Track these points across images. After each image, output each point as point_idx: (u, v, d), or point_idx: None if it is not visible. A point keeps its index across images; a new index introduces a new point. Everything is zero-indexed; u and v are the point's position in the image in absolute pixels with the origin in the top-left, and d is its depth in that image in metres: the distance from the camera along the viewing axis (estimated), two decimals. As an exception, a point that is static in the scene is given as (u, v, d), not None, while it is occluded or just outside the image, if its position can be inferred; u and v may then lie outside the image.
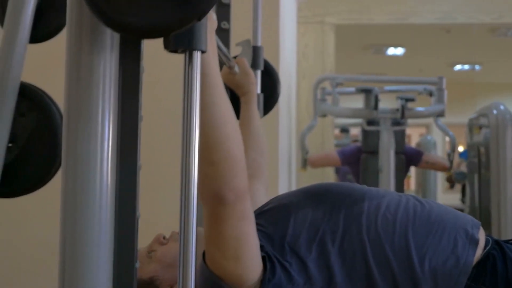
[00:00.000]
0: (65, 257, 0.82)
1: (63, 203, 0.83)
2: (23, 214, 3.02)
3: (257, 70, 2.22)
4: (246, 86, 2.01)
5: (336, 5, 6.42)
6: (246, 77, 2.01)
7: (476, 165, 5.01)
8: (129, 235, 0.88)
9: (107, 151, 0.84)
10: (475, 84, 11.60)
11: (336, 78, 5.03)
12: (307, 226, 1.44)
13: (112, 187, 0.84)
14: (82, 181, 0.82)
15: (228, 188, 1.28)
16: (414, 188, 10.01)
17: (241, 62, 2.01)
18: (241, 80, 2.00)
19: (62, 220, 0.83)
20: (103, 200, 0.83)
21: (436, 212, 1.49)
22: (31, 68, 1.62)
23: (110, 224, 0.84)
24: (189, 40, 0.89)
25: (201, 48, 0.89)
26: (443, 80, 4.80)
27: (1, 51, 1.39)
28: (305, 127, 5.45)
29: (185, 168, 0.91)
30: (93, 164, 0.83)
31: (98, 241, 0.83)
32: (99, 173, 0.83)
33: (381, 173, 4.77)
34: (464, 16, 6.52)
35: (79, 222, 0.82)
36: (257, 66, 2.23)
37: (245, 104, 2.01)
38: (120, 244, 0.87)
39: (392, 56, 9.68)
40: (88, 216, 0.82)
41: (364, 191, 1.53)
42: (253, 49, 2.21)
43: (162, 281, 1.51)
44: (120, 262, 0.87)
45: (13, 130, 1.39)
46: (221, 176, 1.27)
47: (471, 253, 1.42)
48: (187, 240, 0.88)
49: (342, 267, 1.40)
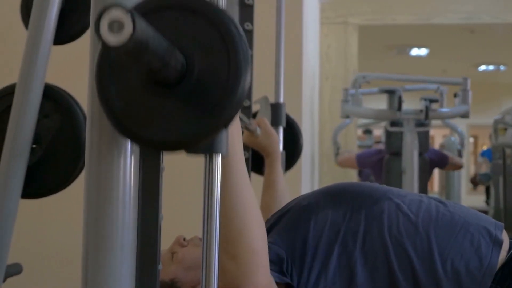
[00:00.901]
0: (88, 259, 0.82)
1: (85, 205, 0.83)
2: (46, 215, 3.04)
3: (279, 127, 2.19)
4: (270, 147, 1.99)
5: (359, 5, 6.39)
6: (269, 138, 1.99)
7: (501, 167, 4.97)
8: (152, 237, 0.88)
9: (130, 151, 0.84)
10: (500, 85, 11.50)
11: (368, 76, 5.01)
12: (328, 227, 1.43)
13: (135, 188, 0.84)
14: (105, 182, 0.82)
15: (250, 285, 1.21)
16: (437, 189, 9.95)
17: (263, 123, 2.00)
18: (264, 141, 1.99)
19: (85, 221, 0.83)
20: (126, 202, 0.83)
21: (458, 213, 1.47)
22: (55, 69, 1.62)
23: (133, 226, 0.84)
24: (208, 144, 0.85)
25: (221, 151, 0.85)
26: (467, 81, 4.76)
27: (25, 53, 1.40)
28: (338, 126, 5.56)
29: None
30: (116, 165, 0.83)
31: (121, 243, 0.82)
32: (122, 174, 0.83)
33: (404, 175, 4.74)
34: (489, 16, 6.46)
35: (102, 223, 0.82)
36: (279, 123, 2.19)
37: (269, 167, 2.00)
38: (143, 246, 0.87)
39: (415, 57, 9.64)
40: (111, 217, 0.82)
41: (384, 190, 1.52)
42: (275, 106, 2.18)
43: (184, 283, 1.51)
44: (143, 264, 0.86)
45: (37, 132, 1.40)
46: (242, 272, 1.21)
47: (495, 254, 1.40)
48: (210, 243, 0.87)
49: (364, 267, 1.39)
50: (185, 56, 0.78)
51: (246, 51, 0.78)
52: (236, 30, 0.78)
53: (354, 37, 6.37)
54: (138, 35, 0.64)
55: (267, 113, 2.14)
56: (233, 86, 0.77)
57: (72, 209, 1.60)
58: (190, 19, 0.78)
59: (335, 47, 6.28)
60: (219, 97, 0.77)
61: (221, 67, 0.77)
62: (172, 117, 0.78)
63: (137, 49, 0.66)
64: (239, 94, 0.77)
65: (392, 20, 6.56)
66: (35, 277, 2.83)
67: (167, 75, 0.76)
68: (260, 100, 2.16)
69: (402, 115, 4.74)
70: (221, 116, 0.77)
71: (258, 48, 2.16)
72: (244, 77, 0.77)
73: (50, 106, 1.43)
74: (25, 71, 1.39)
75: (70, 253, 2.08)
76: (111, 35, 0.64)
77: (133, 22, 0.64)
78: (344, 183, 1.64)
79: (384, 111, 4.99)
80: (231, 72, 0.77)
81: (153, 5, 0.79)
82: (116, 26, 0.64)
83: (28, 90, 1.38)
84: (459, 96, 4.78)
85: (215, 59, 0.78)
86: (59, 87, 1.46)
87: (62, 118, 1.44)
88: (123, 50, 0.65)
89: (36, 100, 1.39)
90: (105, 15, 0.65)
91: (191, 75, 0.78)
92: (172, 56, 0.74)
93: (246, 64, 0.77)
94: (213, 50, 0.78)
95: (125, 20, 0.64)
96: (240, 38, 0.78)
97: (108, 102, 0.79)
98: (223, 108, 0.77)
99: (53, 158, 1.44)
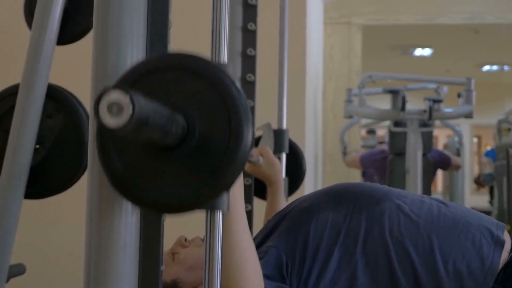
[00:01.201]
0: (90, 260, 0.82)
1: (88, 205, 0.83)
2: (49, 216, 3.04)
3: (282, 153, 2.18)
4: (273, 176, 2.00)
5: (363, 5, 6.38)
6: (272, 168, 2.00)
7: (504, 167, 4.96)
8: (154, 237, 0.88)
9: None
10: (504, 85, 11.48)
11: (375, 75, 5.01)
12: (328, 228, 1.43)
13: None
14: (107, 182, 0.82)
15: None
16: (441, 190, 9.93)
17: (265, 152, 2.00)
18: (267, 171, 2.00)
19: (87, 222, 0.83)
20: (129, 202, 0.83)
21: (460, 214, 1.47)
22: (59, 70, 1.62)
23: (135, 227, 0.84)
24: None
25: (222, 208, 0.85)
26: (471, 81, 4.75)
27: (28, 53, 1.40)
28: (345, 124, 5.60)
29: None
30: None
31: (124, 244, 0.82)
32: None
33: (408, 175, 4.73)
34: (493, 16, 6.45)
35: (104, 224, 0.82)
36: (282, 149, 2.19)
37: (272, 195, 2.01)
38: (145, 247, 0.87)
39: (419, 57, 9.62)
40: (113, 218, 0.82)
41: (385, 191, 1.52)
42: (278, 132, 2.18)
43: (185, 283, 1.51)
44: (146, 265, 0.86)
45: (40, 132, 1.40)
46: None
47: (496, 255, 1.40)
48: (213, 244, 0.87)
49: (365, 268, 1.39)
50: (186, 118, 0.77)
51: (247, 112, 0.77)
52: (237, 92, 0.77)
53: (357, 37, 6.37)
54: (137, 115, 0.64)
55: (270, 140, 2.13)
56: (234, 148, 0.76)
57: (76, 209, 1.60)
58: (191, 80, 0.77)
59: (339, 47, 6.28)
60: (220, 160, 0.76)
61: (222, 129, 0.77)
62: (173, 181, 0.77)
63: (137, 127, 0.66)
64: (240, 157, 0.76)
65: (396, 20, 6.56)
66: (38, 278, 2.83)
67: (168, 141, 0.75)
68: (262, 126, 2.16)
69: (405, 115, 4.73)
70: (222, 179, 0.77)
71: (261, 48, 2.16)
72: (246, 139, 0.76)
73: (54, 106, 1.43)
74: (28, 71, 1.39)
75: (73, 253, 2.08)
76: (111, 118, 0.64)
77: (132, 103, 0.63)
78: (345, 184, 1.64)
79: (387, 111, 4.98)
80: (232, 134, 0.76)
81: (154, 67, 0.79)
82: (115, 108, 0.64)
83: (31, 91, 1.38)
84: (463, 96, 4.77)
85: (216, 121, 0.77)
86: (62, 88, 1.46)
87: (65, 118, 1.43)
88: (123, 131, 0.64)
89: (40, 100, 1.39)
90: (104, 97, 0.64)
91: (192, 137, 0.77)
92: (173, 124, 0.74)
93: (248, 126, 0.77)
94: (214, 112, 0.77)
95: (123, 102, 0.63)
96: (240, 100, 0.77)
97: (109, 164, 0.79)
98: (225, 172, 0.76)
99: (57, 159, 1.44)
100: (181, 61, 0.78)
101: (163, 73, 0.78)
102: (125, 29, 0.85)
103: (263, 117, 2.20)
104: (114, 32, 0.85)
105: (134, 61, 0.84)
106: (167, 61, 0.79)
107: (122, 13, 0.84)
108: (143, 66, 0.79)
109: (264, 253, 1.40)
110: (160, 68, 0.79)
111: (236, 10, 2.08)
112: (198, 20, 2.11)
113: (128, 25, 0.85)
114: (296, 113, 2.49)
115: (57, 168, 1.44)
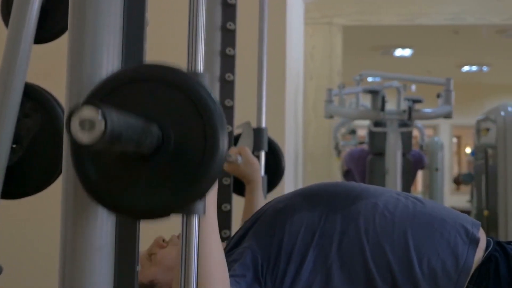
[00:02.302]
0: (65, 260, 0.82)
1: (63, 206, 0.83)
2: (26, 216, 3.02)
3: (261, 151, 2.19)
4: (251, 175, 2.02)
5: (345, 6, 6.40)
6: (250, 167, 2.01)
7: (483, 167, 4.99)
8: (130, 237, 0.88)
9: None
10: (483, 86, 11.56)
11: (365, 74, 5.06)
12: (303, 230, 1.43)
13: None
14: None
15: None
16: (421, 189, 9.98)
17: (244, 151, 2.01)
18: (245, 170, 2.01)
19: (62, 223, 0.83)
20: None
21: (436, 211, 1.47)
22: (36, 68, 1.61)
23: (110, 227, 0.84)
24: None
25: (199, 213, 0.85)
26: (450, 81, 4.77)
27: (5, 52, 1.39)
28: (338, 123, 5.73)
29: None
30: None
31: (99, 244, 0.82)
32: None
33: (387, 175, 4.75)
34: (473, 17, 6.49)
35: (79, 224, 0.81)
36: (261, 147, 2.20)
37: (250, 194, 2.02)
38: (121, 247, 0.86)
39: (400, 57, 9.66)
40: (88, 218, 0.82)
41: (360, 189, 1.52)
42: (257, 131, 2.19)
43: (163, 284, 1.50)
44: (121, 266, 0.86)
45: (18, 131, 1.39)
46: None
47: (471, 253, 1.40)
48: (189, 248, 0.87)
49: (340, 269, 1.39)
50: (161, 128, 0.77)
51: (223, 123, 0.78)
52: (212, 103, 0.78)
53: (338, 37, 6.38)
54: (110, 131, 0.64)
55: (249, 139, 2.14)
56: (209, 158, 0.77)
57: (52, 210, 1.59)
58: (166, 91, 0.78)
59: (320, 47, 6.29)
60: (195, 169, 0.77)
61: (197, 139, 0.77)
62: (148, 188, 0.78)
63: (110, 142, 0.66)
64: (215, 166, 0.77)
65: (377, 21, 6.58)
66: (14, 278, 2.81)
67: (143, 151, 0.76)
68: (242, 125, 2.17)
69: (385, 116, 4.75)
70: (198, 188, 0.77)
71: (241, 47, 2.16)
72: (221, 150, 0.77)
73: (31, 105, 1.42)
74: (5, 70, 1.38)
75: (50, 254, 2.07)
76: (83, 134, 0.64)
77: (104, 119, 0.64)
78: (320, 184, 1.63)
79: (367, 111, 5.00)
80: (207, 144, 0.77)
81: (128, 78, 0.79)
82: (87, 125, 0.64)
83: (8, 90, 1.37)
84: (442, 96, 4.79)
85: (192, 131, 0.77)
86: (40, 87, 1.45)
87: (43, 117, 1.43)
88: (96, 146, 0.64)
89: (17, 99, 1.38)
90: (76, 114, 0.64)
91: (168, 146, 0.77)
92: (147, 135, 0.74)
93: (223, 135, 0.77)
94: (190, 123, 0.78)
95: (95, 118, 0.64)
96: (215, 110, 0.78)
97: (83, 172, 0.79)
98: (200, 180, 0.77)
99: (34, 158, 1.43)
100: (156, 73, 0.78)
101: (138, 84, 0.78)
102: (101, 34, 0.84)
103: (242, 116, 2.20)
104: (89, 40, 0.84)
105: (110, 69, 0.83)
106: (142, 72, 0.79)
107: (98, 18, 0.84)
108: (117, 77, 0.79)
109: (240, 254, 1.39)
110: (135, 79, 0.79)
111: (215, 10, 2.08)
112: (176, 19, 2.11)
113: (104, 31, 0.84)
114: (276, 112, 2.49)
115: (34, 168, 1.43)
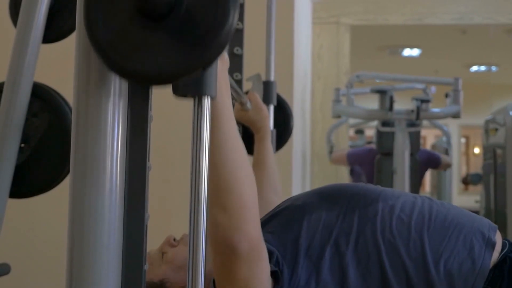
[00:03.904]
0: (72, 259, 0.82)
1: (71, 204, 0.83)
2: (34, 215, 3.03)
3: (270, 105, 2.18)
4: (260, 122, 1.98)
5: (352, 5, 6.39)
6: (259, 113, 1.97)
7: (492, 167, 4.97)
8: (138, 236, 0.87)
9: (116, 151, 0.83)
10: (492, 85, 11.52)
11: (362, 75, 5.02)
12: (321, 228, 1.43)
13: (121, 188, 0.84)
14: (90, 182, 0.81)
15: (241, 237, 1.20)
16: (429, 189, 9.96)
17: (253, 97, 1.98)
18: (254, 116, 1.97)
19: (70, 221, 0.83)
20: (112, 201, 0.82)
21: (452, 214, 1.47)
22: (44, 68, 1.62)
23: (118, 226, 0.84)
24: (197, 86, 0.86)
25: (210, 93, 0.86)
26: (459, 81, 4.76)
27: (14, 51, 1.39)
28: (332, 125, 5.62)
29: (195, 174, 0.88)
30: (102, 165, 0.82)
31: (107, 243, 0.82)
32: (108, 173, 0.83)
33: (395, 175, 4.74)
34: (481, 16, 6.47)
35: (87, 223, 0.81)
36: (270, 101, 2.18)
37: (259, 142, 1.98)
38: (128, 246, 0.86)
39: (407, 57, 9.64)
40: (96, 217, 0.81)
41: (379, 191, 1.52)
42: (266, 84, 2.18)
43: (173, 283, 1.50)
44: (129, 264, 0.86)
45: (26, 131, 1.39)
46: (233, 224, 1.20)
47: (487, 256, 1.40)
48: (197, 243, 0.87)
49: (356, 269, 1.39)
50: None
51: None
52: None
53: (346, 37, 6.36)
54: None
55: (259, 90, 2.12)
56: (219, 25, 0.78)
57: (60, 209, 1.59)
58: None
59: (328, 47, 6.27)
60: (207, 31, 0.78)
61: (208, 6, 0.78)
62: (159, 50, 0.78)
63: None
64: (226, 28, 0.78)
65: (385, 21, 6.56)
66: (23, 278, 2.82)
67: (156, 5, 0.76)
68: (252, 77, 2.14)
69: (393, 115, 4.74)
70: (207, 51, 0.77)
71: (249, 47, 2.16)
72: (231, 18, 0.78)
73: (39, 105, 1.43)
74: (13, 69, 1.38)
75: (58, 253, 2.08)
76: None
77: None
78: (339, 184, 1.63)
79: (375, 111, 4.99)
80: (218, 11, 0.78)
81: None
82: None
83: (16, 89, 1.37)
84: (451, 96, 4.78)
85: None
86: (48, 86, 1.46)
87: (50, 117, 1.43)
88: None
89: (25, 99, 1.38)
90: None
91: (180, 8, 0.78)
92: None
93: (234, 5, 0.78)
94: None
95: None
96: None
97: (95, 34, 0.79)
98: (211, 42, 0.77)
99: (42, 157, 1.43)
100: None
101: None
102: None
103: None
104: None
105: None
106: None
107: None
108: None
109: None
110: None
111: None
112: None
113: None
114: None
115: (42, 167, 1.43)
